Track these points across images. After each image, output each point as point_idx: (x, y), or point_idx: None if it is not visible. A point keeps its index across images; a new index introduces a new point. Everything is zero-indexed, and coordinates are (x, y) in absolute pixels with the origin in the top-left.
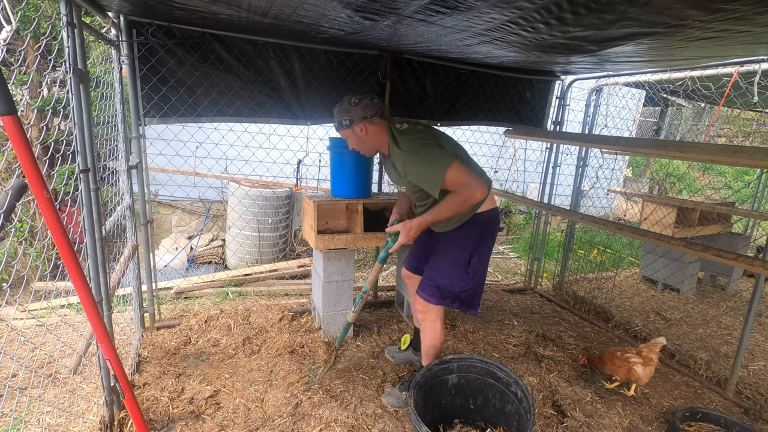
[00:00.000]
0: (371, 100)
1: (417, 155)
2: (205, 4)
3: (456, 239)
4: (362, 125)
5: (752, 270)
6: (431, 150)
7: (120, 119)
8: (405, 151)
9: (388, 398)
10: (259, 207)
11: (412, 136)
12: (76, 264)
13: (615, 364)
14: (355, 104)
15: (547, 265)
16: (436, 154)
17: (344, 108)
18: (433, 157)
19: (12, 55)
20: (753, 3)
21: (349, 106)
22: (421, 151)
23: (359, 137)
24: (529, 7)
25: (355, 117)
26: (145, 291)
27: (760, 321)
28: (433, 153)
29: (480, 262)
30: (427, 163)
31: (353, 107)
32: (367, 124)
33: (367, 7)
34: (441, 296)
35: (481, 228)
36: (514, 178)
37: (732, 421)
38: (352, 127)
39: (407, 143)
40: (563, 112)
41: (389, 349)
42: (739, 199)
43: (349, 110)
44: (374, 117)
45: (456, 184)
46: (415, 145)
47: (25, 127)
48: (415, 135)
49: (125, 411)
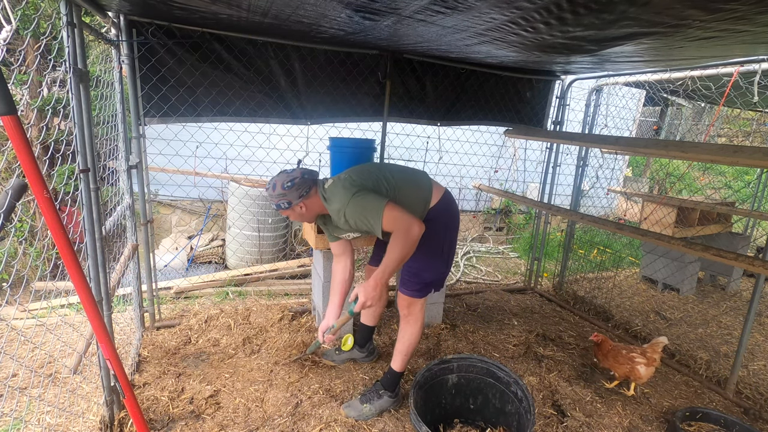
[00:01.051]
0: (302, 176)
1: (351, 206)
2: (205, 4)
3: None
4: (300, 203)
5: (752, 270)
6: (363, 197)
7: (120, 119)
8: (339, 206)
9: (348, 410)
10: (259, 207)
11: (339, 190)
12: (76, 264)
13: (618, 361)
14: (289, 188)
15: (547, 265)
16: (368, 199)
17: (279, 193)
18: (367, 202)
19: (12, 55)
20: (753, 3)
21: (284, 191)
22: (354, 201)
23: (300, 213)
24: (529, 7)
25: (293, 198)
26: (145, 291)
27: (760, 321)
28: (365, 199)
29: (451, 245)
30: (362, 211)
31: (289, 191)
32: (304, 201)
33: (367, 7)
34: (426, 288)
35: (442, 217)
36: (514, 177)
37: (732, 421)
38: (291, 207)
39: (338, 198)
40: (563, 111)
41: (326, 354)
42: (739, 198)
43: (285, 194)
44: (309, 191)
45: (392, 224)
46: (345, 198)
47: (25, 126)
48: (341, 187)
49: (125, 411)
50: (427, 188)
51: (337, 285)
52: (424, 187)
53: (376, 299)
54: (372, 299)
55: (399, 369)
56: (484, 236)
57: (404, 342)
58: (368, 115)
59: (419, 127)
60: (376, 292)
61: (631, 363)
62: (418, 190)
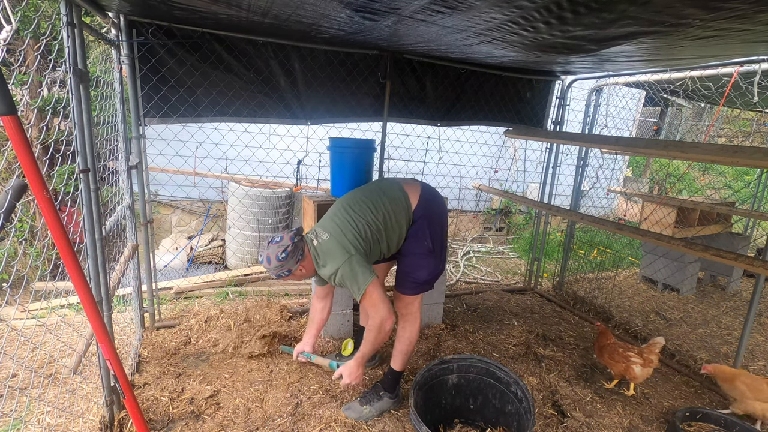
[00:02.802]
0: (292, 242)
1: (342, 270)
2: (205, 4)
3: (413, 239)
4: (299, 267)
5: (752, 270)
6: (353, 266)
7: (120, 119)
8: (332, 270)
9: (348, 412)
10: (259, 207)
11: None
12: (76, 264)
13: (614, 359)
14: (284, 258)
15: (547, 265)
16: (356, 270)
17: (276, 266)
18: (355, 274)
19: (12, 55)
20: (753, 1)
21: (281, 263)
22: (345, 266)
23: (302, 275)
24: (529, 7)
25: (291, 266)
26: (145, 291)
27: (760, 321)
28: (354, 270)
29: (441, 241)
30: (349, 278)
31: (285, 261)
32: (302, 264)
33: (367, 7)
34: (421, 286)
35: (425, 218)
36: (514, 178)
37: (732, 421)
38: (292, 273)
39: (331, 262)
40: (563, 112)
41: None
42: (739, 199)
43: (283, 265)
44: (303, 252)
45: (370, 305)
46: (338, 262)
47: (25, 127)
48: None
49: (125, 411)
50: (402, 199)
51: (316, 322)
52: (400, 199)
53: (359, 377)
54: (355, 378)
55: (399, 368)
56: (484, 236)
57: (403, 341)
58: (368, 115)
59: (419, 127)
60: (359, 372)
61: (627, 362)
62: (397, 206)
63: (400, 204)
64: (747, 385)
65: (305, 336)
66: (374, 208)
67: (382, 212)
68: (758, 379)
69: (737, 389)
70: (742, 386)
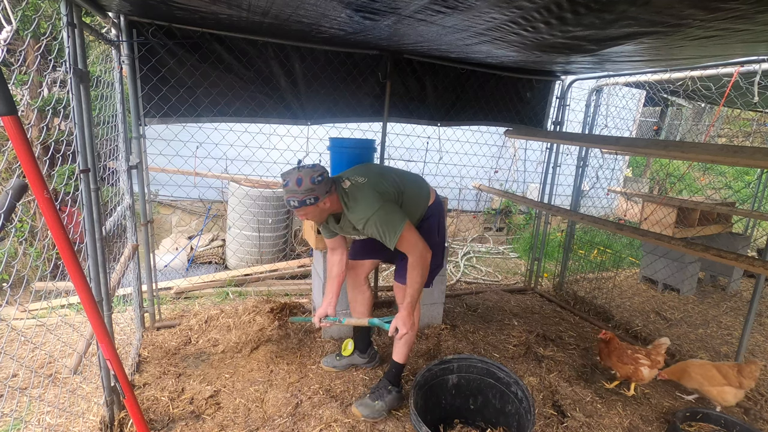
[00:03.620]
0: (327, 172)
1: (376, 217)
2: (205, 4)
3: (425, 231)
4: (326, 199)
5: (752, 270)
6: (388, 211)
7: (120, 119)
8: (364, 214)
9: (361, 408)
10: (259, 207)
11: (366, 196)
12: (76, 264)
13: (622, 361)
14: (319, 183)
15: (547, 265)
16: (392, 215)
17: (307, 188)
18: (390, 218)
19: (12, 55)
20: (753, 2)
21: (313, 186)
22: (380, 212)
23: (322, 210)
24: (529, 7)
25: (320, 194)
26: (145, 291)
27: (760, 321)
28: (389, 214)
29: (443, 241)
30: (383, 224)
31: (318, 186)
32: (329, 197)
33: (367, 7)
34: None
35: (435, 214)
36: (514, 178)
37: (732, 421)
38: (317, 203)
39: (364, 205)
40: (563, 112)
41: (326, 360)
42: (740, 199)
43: (314, 189)
44: (331, 188)
45: (408, 245)
46: (373, 207)
47: (25, 127)
48: (368, 193)
49: (125, 411)
50: (426, 189)
51: (335, 278)
52: (424, 188)
53: (412, 326)
54: (409, 327)
55: (402, 361)
56: (484, 236)
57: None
58: (368, 115)
59: (419, 128)
60: (411, 320)
61: (635, 363)
62: (419, 190)
63: (424, 193)
64: (699, 374)
65: (325, 298)
66: (401, 183)
67: (407, 190)
68: (706, 365)
69: (693, 380)
70: (696, 376)
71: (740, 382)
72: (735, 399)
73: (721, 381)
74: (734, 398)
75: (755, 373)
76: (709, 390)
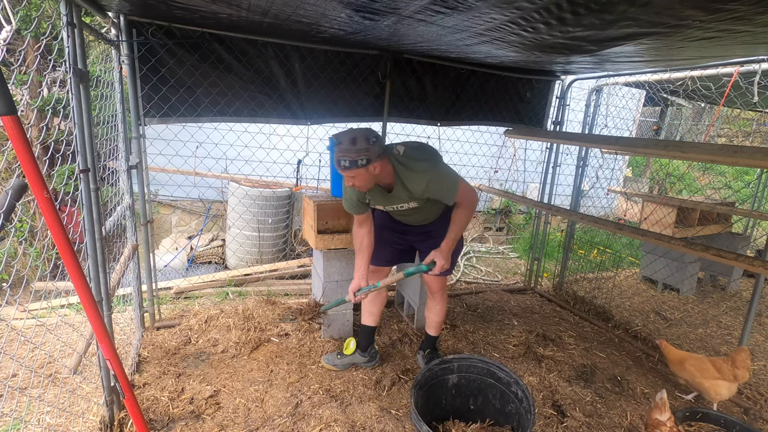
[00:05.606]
0: (381, 137)
1: (436, 173)
2: (205, 4)
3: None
4: (377, 164)
5: (752, 270)
6: (445, 168)
7: (120, 119)
8: (423, 171)
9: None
10: (259, 207)
11: (419, 157)
12: (76, 264)
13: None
14: (374, 143)
15: (547, 265)
16: (449, 171)
17: (362, 147)
18: (448, 173)
19: (12, 55)
20: (753, 3)
21: (368, 145)
22: (439, 170)
23: (370, 174)
24: (529, 8)
25: (373, 156)
26: (145, 291)
27: (760, 321)
28: (447, 170)
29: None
30: (444, 180)
31: (372, 146)
32: (381, 161)
33: (367, 7)
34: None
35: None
36: (514, 178)
37: (732, 421)
38: (367, 166)
39: (423, 164)
40: (563, 112)
41: (327, 358)
42: (739, 199)
43: (368, 150)
44: (384, 152)
45: (463, 195)
46: (431, 165)
47: (25, 127)
48: (420, 155)
49: (125, 411)
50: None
51: (365, 249)
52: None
53: (450, 262)
54: (448, 261)
55: (436, 334)
56: (484, 236)
57: (441, 314)
58: (368, 115)
59: (419, 127)
60: (448, 255)
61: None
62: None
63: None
64: (695, 367)
65: (356, 271)
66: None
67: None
68: (702, 359)
69: (686, 371)
70: (690, 368)
71: (735, 374)
72: (729, 393)
73: (714, 374)
74: (728, 392)
75: (747, 361)
76: (701, 382)
